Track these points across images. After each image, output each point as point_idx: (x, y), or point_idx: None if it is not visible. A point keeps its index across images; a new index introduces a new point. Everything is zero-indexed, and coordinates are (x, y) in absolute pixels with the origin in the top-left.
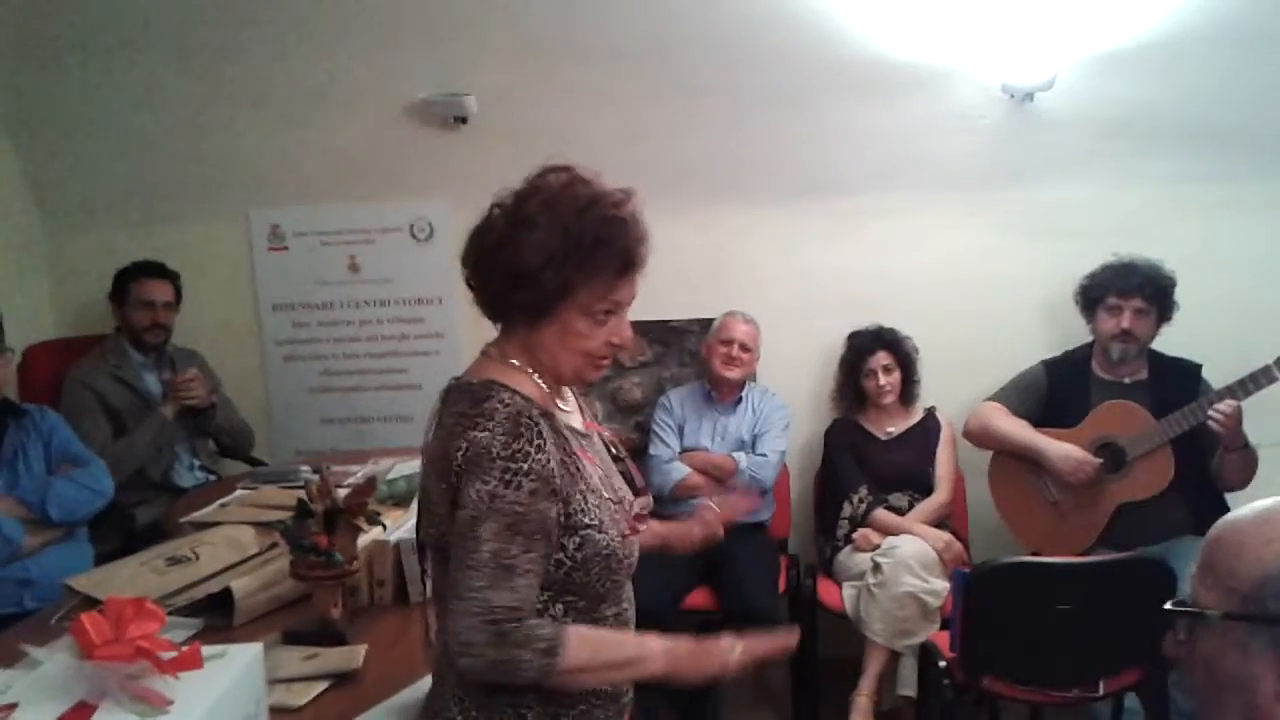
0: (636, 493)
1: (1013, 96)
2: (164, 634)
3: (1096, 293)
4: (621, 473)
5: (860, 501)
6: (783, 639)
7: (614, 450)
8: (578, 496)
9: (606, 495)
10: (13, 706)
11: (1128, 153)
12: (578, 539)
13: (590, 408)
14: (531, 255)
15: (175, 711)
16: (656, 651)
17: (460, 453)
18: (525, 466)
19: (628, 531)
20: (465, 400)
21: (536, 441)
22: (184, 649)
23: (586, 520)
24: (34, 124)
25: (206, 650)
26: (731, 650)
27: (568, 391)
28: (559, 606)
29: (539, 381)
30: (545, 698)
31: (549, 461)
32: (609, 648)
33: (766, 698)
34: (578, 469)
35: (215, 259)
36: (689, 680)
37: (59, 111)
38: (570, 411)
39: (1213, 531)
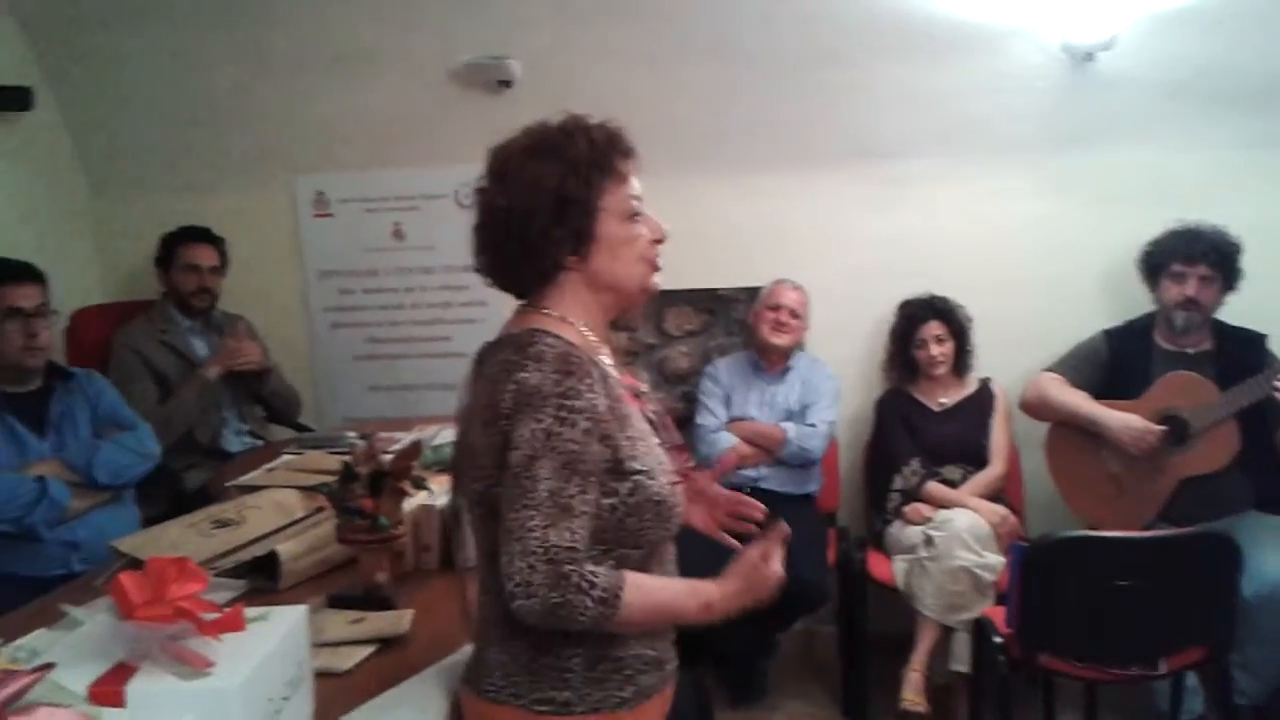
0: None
1: (1072, 56)
2: (207, 596)
3: (1160, 259)
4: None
5: (912, 474)
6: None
7: (650, 406)
8: (625, 442)
9: (656, 442)
10: (49, 667)
11: (1192, 115)
12: (630, 484)
13: (636, 376)
14: (551, 179)
15: (216, 673)
16: (710, 591)
17: (510, 394)
18: (579, 404)
19: (677, 479)
20: (508, 349)
21: (587, 380)
22: (226, 611)
23: (637, 465)
24: (80, 91)
25: (249, 612)
26: (765, 566)
27: (607, 348)
28: (610, 561)
29: (583, 330)
30: (589, 662)
31: (599, 402)
32: (664, 591)
33: (815, 671)
34: (625, 415)
35: (261, 225)
36: (742, 607)
37: (105, 78)
38: (610, 364)
39: None
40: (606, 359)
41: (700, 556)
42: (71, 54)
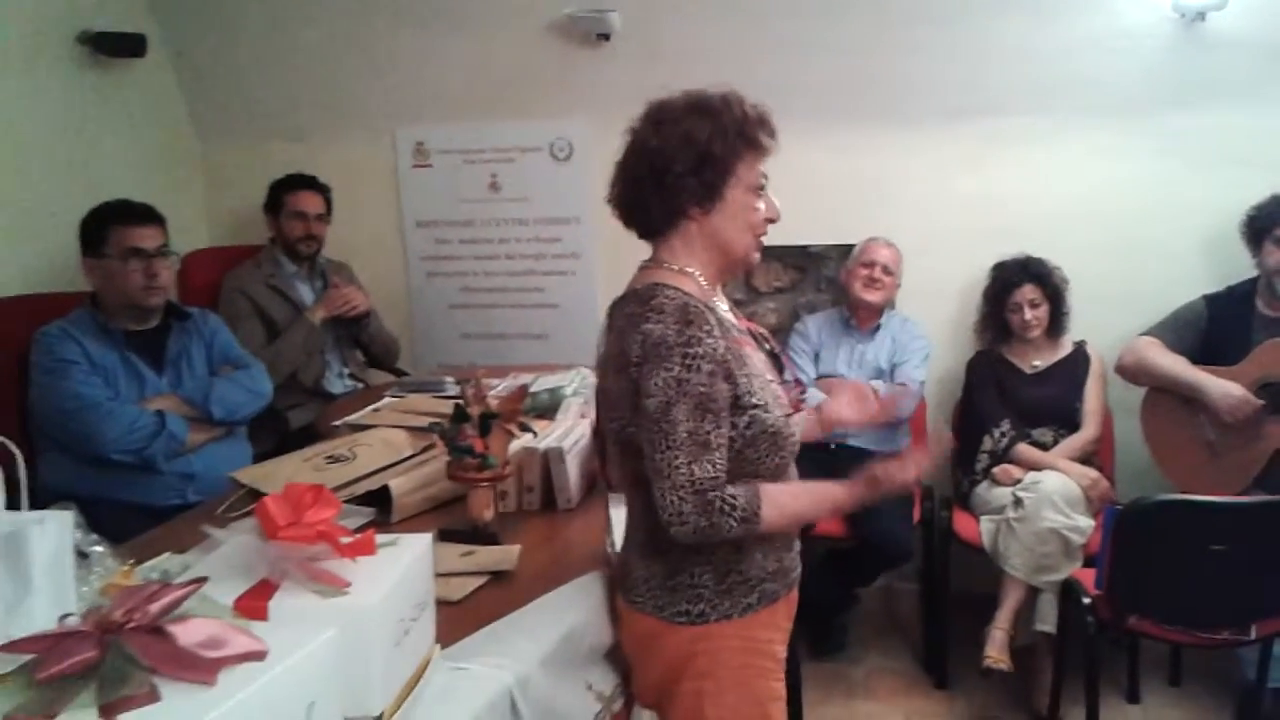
0: (785, 378)
1: (1183, 15)
2: (340, 522)
3: (1264, 224)
4: (773, 362)
5: (1002, 436)
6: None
7: (767, 344)
8: (743, 379)
9: (769, 378)
10: (203, 580)
11: None
12: (746, 418)
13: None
14: (702, 134)
15: (354, 592)
16: (837, 494)
17: (638, 345)
18: (701, 350)
19: (790, 410)
20: (633, 302)
21: (706, 327)
22: (359, 535)
23: (754, 400)
24: (189, 39)
25: (379, 538)
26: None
27: (721, 294)
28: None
29: (699, 280)
30: (719, 577)
31: (719, 346)
32: (796, 500)
33: (896, 627)
34: (741, 354)
35: (362, 174)
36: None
37: (215, 28)
38: (725, 309)
39: None
40: (723, 305)
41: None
42: (183, 3)
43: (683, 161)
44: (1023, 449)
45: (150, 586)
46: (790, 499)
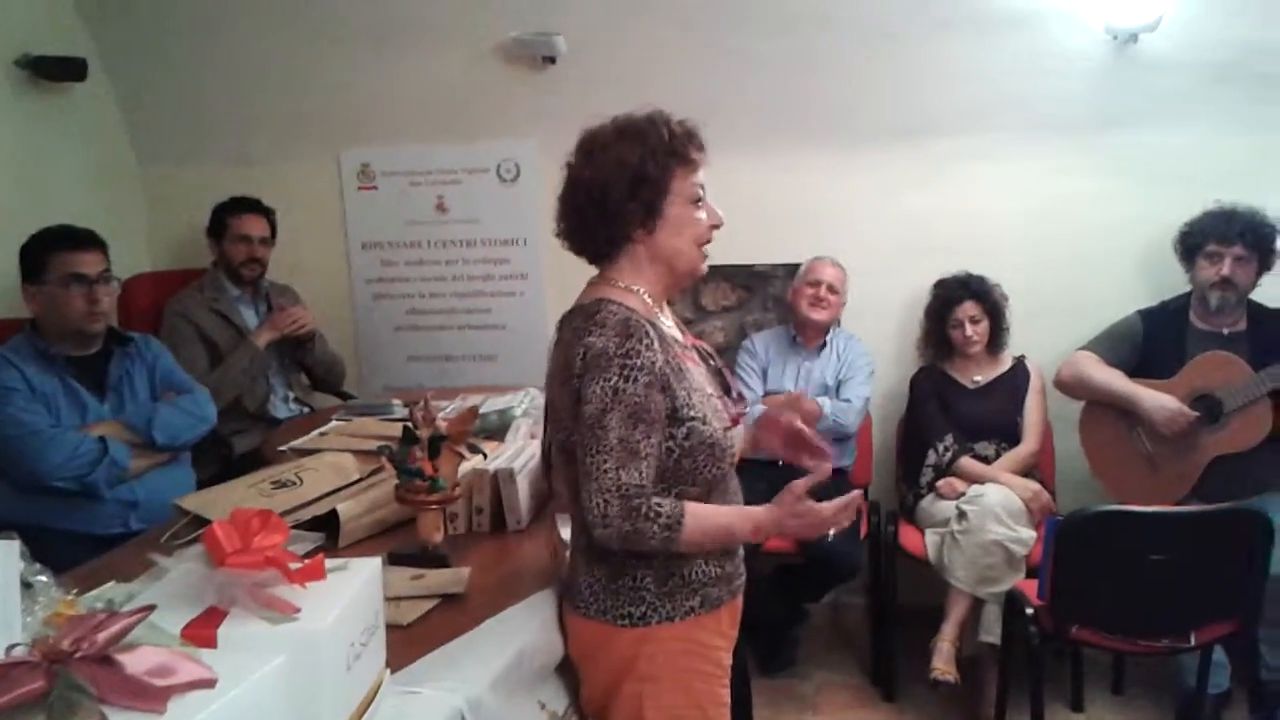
0: (729, 393)
1: (1116, 37)
2: (288, 547)
3: (1196, 239)
4: (716, 378)
5: (945, 450)
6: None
7: (711, 360)
8: (681, 392)
9: (709, 392)
10: (151, 608)
11: (1235, 98)
12: (685, 429)
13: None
14: (632, 158)
15: (303, 618)
16: (758, 515)
17: (579, 357)
18: (638, 362)
19: (729, 424)
20: (579, 316)
21: (646, 340)
22: (308, 560)
23: (691, 413)
24: (131, 61)
25: (329, 563)
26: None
27: (667, 310)
28: (673, 495)
29: (644, 297)
30: (660, 580)
31: (658, 359)
32: (718, 516)
33: (844, 641)
34: (680, 368)
35: (306, 197)
36: (795, 536)
37: (154, 50)
38: (670, 325)
39: None
40: (668, 321)
41: (766, 488)
42: (123, 26)
43: (618, 187)
44: (965, 462)
45: (98, 615)
46: (713, 516)
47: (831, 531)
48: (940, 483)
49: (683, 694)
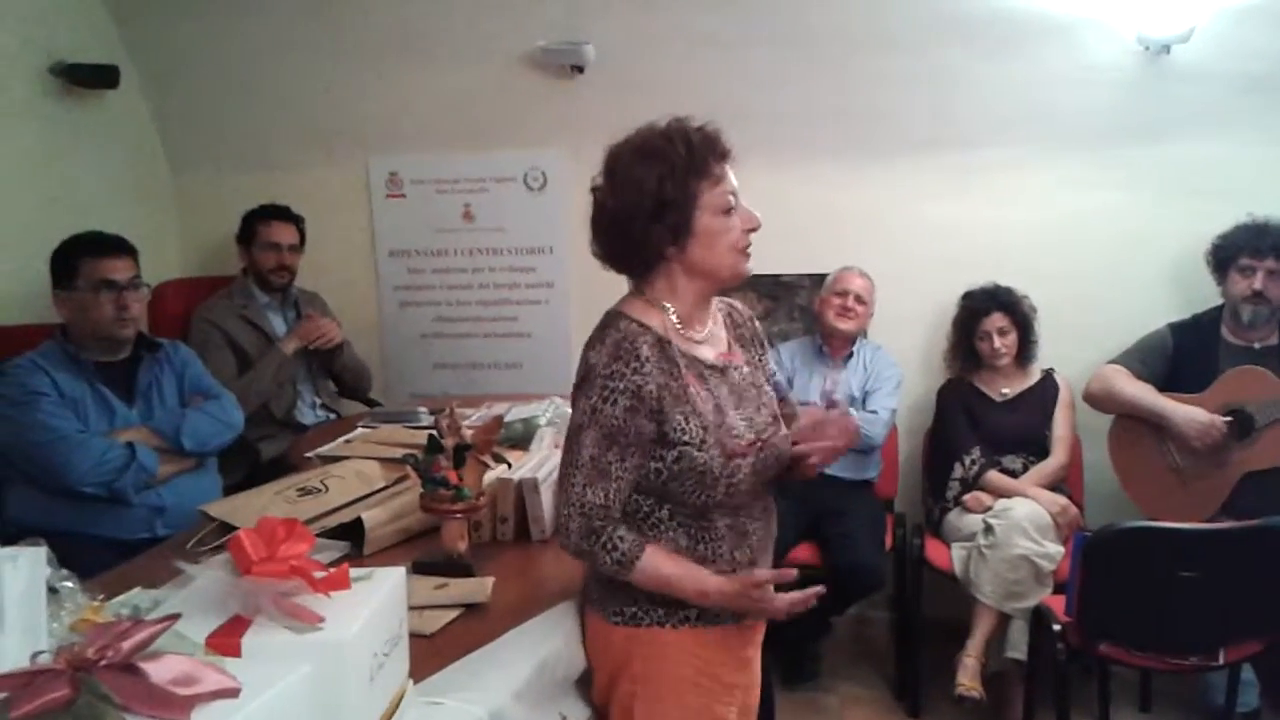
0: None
1: (1148, 49)
2: (313, 556)
3: (1229, 253)
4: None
5: (972, 463)
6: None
7: (740, 374)
8: (678, 417)
9: (713, 420)
10: (176, 617)
11: (1268, 109)
12: (675, 453)
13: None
14: (651, 181)
15: (328, 627)
16: (710, 584)
17: (580, 368)
18: (621, 385)
19: (742, 451)
20: (597, 328)
21: (634, 364)
22: (333, 570)
23: (685, 438)
24: (163, 69)
25: (353, 572)
26: (765, 590)
27: (710, 326)
28: (665, 509)
29: (671, 315)
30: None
31: (647, 383)
32: (672, 570)
33: (868, 655)
34: (683, 391)
35: (335, 204)
36: (737, 611)
37: (188, 58)
38: (702, 343)
39: None
40: (698, 337)
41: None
42: (156, 34)
43: (641, 212)
44: (993, 476)
45: (122, 623)
46: (667, 566)
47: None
48: (967, 496)
49: (674, 703)
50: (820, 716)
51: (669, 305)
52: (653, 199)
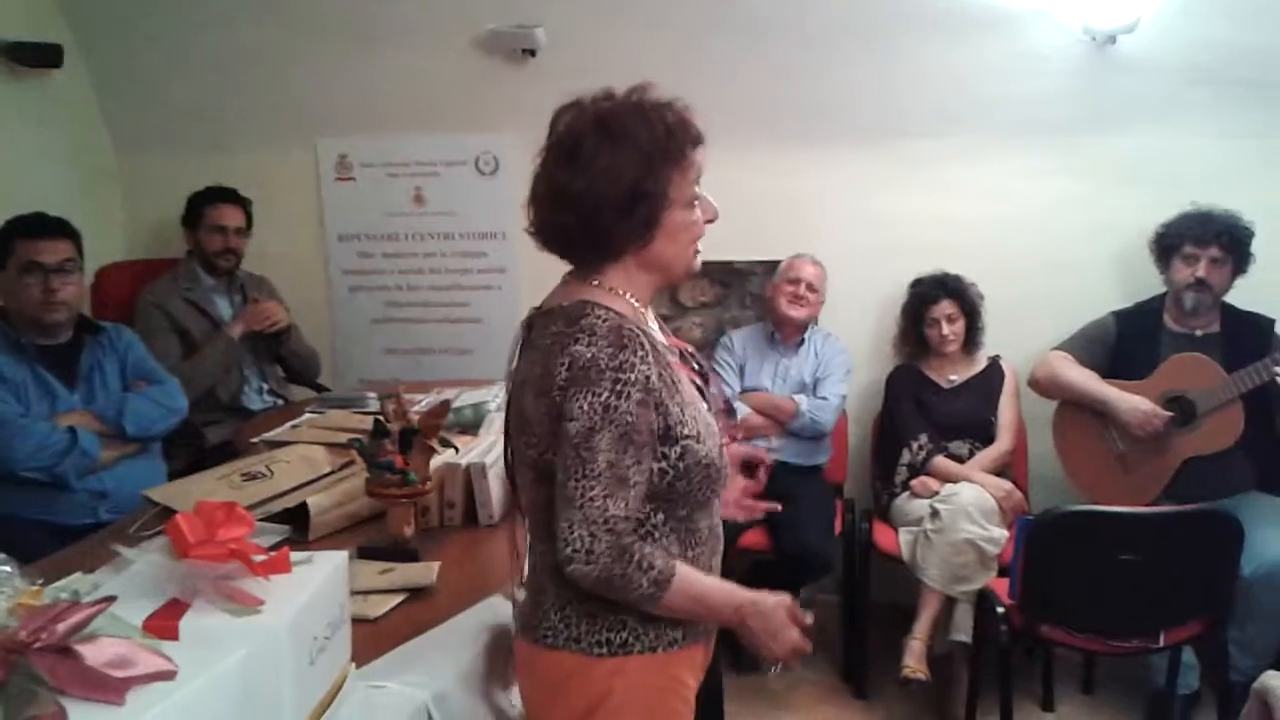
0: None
1: (1094, 39)
2: (252, 540)
3: (1172, 241)
4: (699, 386)
5: (920, 449)
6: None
7: (698, 365)
8: (675, 408)
9: (704, 407)
10: (112, 599)
11: (1213, 101)
12: (679, 449)
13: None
14: (627, 173)
15: (266, 611)
16: (744, 598)
17: (564, 367)
18: (632, 377)
19: (725, 441)
20: (559, 320)
21: (640, 353)
22: (273, 553)
23: (685, 431)
24: (106, 48)
25: (294, 556)
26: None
27: (652, 312)
28: (659, 515)
29: (631, 300)
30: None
31: (651, 373)
32: (705, 586)
33: (818, 640)
34: (674, 381)
35: (283, 187)
36: (753, 635)
37: (130, 37)
38: (655, 330)
39: None
40: (654, 326)
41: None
42: (100, 12)
43: (611, 205)
44: (940, 461)
45: (58, 606)
46: (698, 579)
47: (776, 667)
48: (914, 481)
49: None
50: (767, 700)
51: (626, 292)
52: (627, 192)
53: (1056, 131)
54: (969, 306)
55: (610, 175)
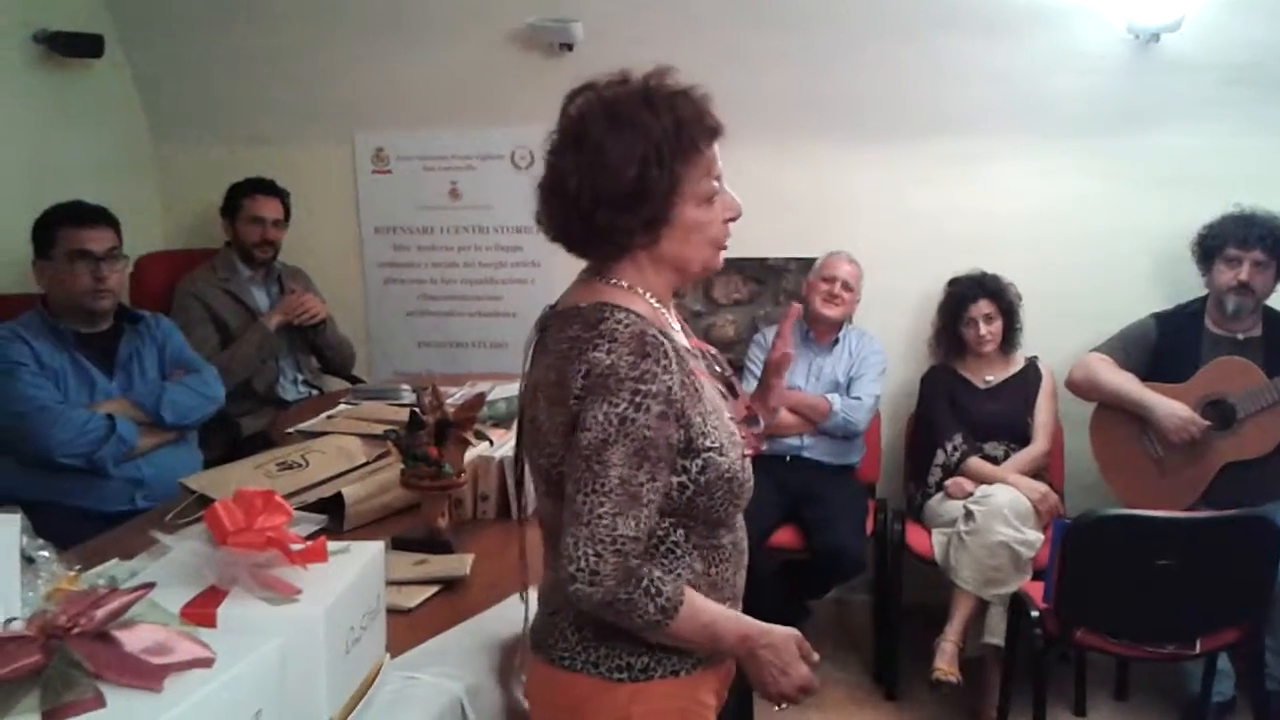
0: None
1: (1137, 37)
2: (291, 528)
3: (1215, 243)
4: (722, 392)
5: (954, 449)
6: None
7: (719, 368)
8: (698, 418)
9: (728, 415)
10: (151, 586)
11: (1257, 100)
12: (700, 462)
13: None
14: (630, 167)
15: (303, 600)
16: (752, 629)
17: (581, 375)
18: (653, 388)
19: (748, 452)
20: (577, 324)
21: (664, 362)
22: (310, 542)
23: (708, 443)
24: (146, 40)
25: (331, 545)
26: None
27: (673, 311)
28: (680, 532)
29: (650, 300)
30: None
31: (673, 382)
32: (713, 615)
33: (848, 639)
34: (697, 389)
35: (320, 179)
36: (761, 668)
37: (171, 28)
38: (677, 331)
39: None
40: (675, 326)
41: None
42: (141, 3)
43: (611, 200)
44: (974, 463)
45: (97, 592)
46: (707, 606)
47: (781, 706)
48: (948, 482)
49: None
50: None
51: (644, 290)
52: (630, 186)
53: (1099, 130)
54: (1007, 306)
55: (611, 171)
